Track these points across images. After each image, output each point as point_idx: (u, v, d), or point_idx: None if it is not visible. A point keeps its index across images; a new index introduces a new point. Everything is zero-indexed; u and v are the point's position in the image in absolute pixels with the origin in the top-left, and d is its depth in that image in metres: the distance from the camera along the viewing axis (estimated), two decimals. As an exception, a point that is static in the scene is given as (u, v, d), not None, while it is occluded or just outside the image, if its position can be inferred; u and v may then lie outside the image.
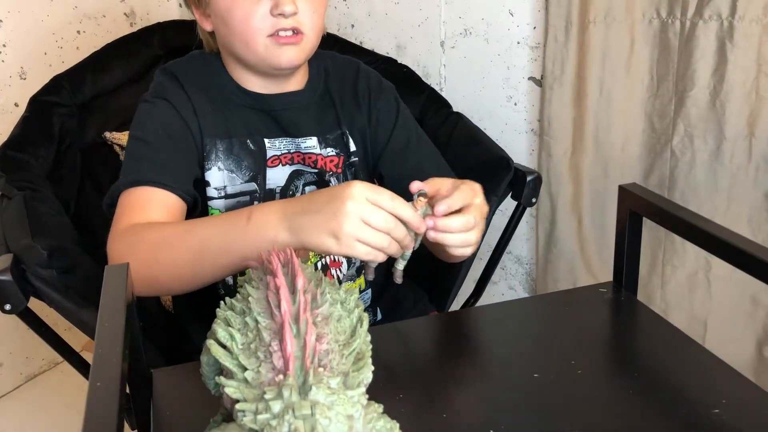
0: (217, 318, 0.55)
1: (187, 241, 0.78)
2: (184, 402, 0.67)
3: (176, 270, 0.78)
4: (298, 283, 0.53)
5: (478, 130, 1.27)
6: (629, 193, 0.78)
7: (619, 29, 1.36)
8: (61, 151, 1.17)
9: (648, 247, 1.40)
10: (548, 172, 1.49)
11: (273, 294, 0.53)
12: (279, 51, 0.89)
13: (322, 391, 0.45)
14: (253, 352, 0.50)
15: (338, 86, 1.02)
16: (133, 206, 0.85)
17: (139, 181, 0.87)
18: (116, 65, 1.29)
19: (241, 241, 0.74)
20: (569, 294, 0.88)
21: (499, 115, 1.59)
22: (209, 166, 0.94)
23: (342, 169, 1.00)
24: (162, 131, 0.91)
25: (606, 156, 1.44)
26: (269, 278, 0.55)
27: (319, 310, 0.53)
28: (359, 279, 1.01)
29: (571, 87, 1.43)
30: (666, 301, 1.43)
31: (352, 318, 0.56)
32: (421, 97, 1.35)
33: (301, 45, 0.90)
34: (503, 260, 1.67)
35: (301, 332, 0.50)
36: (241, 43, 0.90)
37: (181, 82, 0.96)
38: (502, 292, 1.75)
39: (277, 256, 0.58)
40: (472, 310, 1.09)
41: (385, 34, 1.69)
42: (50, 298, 0.90)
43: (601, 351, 0.74)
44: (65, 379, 1.83)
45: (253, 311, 0.53)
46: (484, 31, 1.55)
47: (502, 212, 1.34)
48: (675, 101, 1.34)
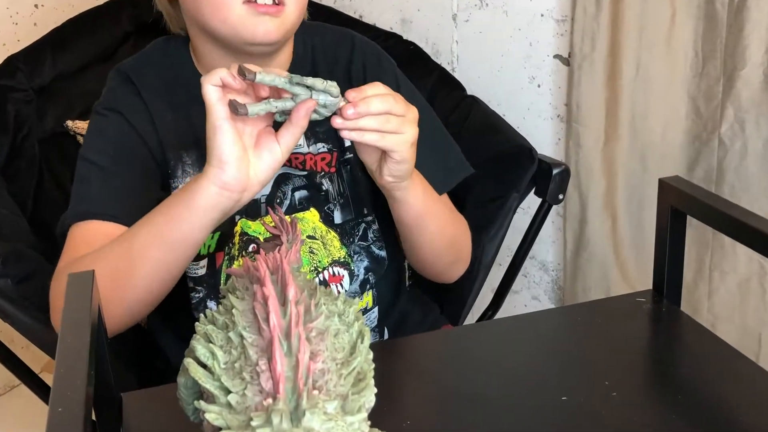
0: (197, 333, 0.55)
1: (136, 250, 0.81)
2: (159, 430, 0.67)
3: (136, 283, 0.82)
4: (289, 292, 0.53)
5: (496, 116, 1.27)
6: (671, 188, 0.78)
7: None
8: (17, 143, 1.17)
9: (693, 250, 1.40)
10: (577, 165, 1.49)
11: (260, 305, 0.53)
12: (255, 21, 0.88)
13: (318, 417, 0.45)
14: (237, 372, 0.50)
15: (329, 65, 1.02)
16: (78, 243, 0.88)
17: (87, 214, 0.89)
18: (79, 43, 1.29)
19: (187, 216, 0.79)
20: (602, 304, 0.88)
21: (520, 99, 1.59)
22: (176, 184, 0.94)
23: (336, 167, 1.00)
24: (114, 152, 0.92)
25: (644, 145, 1.44)
26: (256, 287, 0.55)
27: (314, 323, 0.53)
28: (366, 296, 1.01)
29: (604, 66, 1.43)
30: (714, 312, 1.42)
31: (351, 333, 0.56)
32: (430, 78, 1.35)
33: (281, 18, 0.90)
34: (525, 266, 1.67)
35: (293, 349, 0.50)
36: (211, 12, 0.89)
37: (136, 85, 0.96)
38: (525, 302, 1.74)
39: (265, 262, 0.58)
40: (490, 323, 1.09)
41: (389, 6, 1.69)
42: (4, 311, 0.90)
43: (639, 370, 0.74)
44: (22, 404, 1.83)
45: (237, 325, 0.53)
46: (502, 1, 1.55)
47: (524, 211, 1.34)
48: (723, 82, 1.34)
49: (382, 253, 1.04)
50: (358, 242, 1.01)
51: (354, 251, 1.01)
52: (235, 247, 0.96)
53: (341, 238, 1.00)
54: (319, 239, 0.98)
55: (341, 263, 0.99)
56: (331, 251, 0.99)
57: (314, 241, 0.98)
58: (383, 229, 1.04)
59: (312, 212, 0.99)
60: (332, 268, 0.98)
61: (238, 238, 0.96)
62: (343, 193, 1.01)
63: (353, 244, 1.01)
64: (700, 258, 1.42)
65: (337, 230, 1.00)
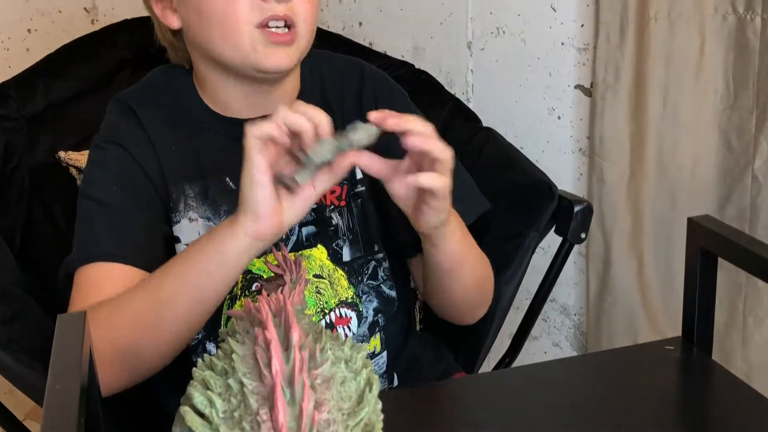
0: (194, 380, 0.55)
1: (164, 300, 0.82)
2: (151, 484, 0.66)
3: (160, 336, 0.83)
4: (292, 336, 0.54)
5: (513, 149, 1.27)
6: (701, 228, 0.78)
7: (686, 27, 1.36)
8: (6, 173, 1.18)
9: (725, 295, 1.39)
10: (600, 201, 1.49)
11: (262, 350, 0.53)
12: (269, 51, 0.90)
13: (322, 472, 0.44)
14: (237, 422, 0.50)
15: (338, 95, 1.03)
16: (87, 288, 0.89)
17: (93, 257, 0.89)
18: (74, 70, 1.31)
19: (218, 268, 0.80)
20: (628, 352, 0.87)
21: (539, 132, 1.59)
22: (177, 219, 0.95)
23: (345, 200, 1.01)
24: (117, 188, 0.93)
25: (672, 181, 1.44)
26: (257, 330, 0.55)
27: (319, 370, 0.53)
28: (374, 340, 1.01)
29: (628, 97, 1.44)
30: (748, 361, 1.41)
31: (359, 381, 0.56)
32: (444, 109, 1.36)
33: (295, 45, 0.91)
34: (545, 310, 1.66)
35: (297, 398, 0.50)
36: (221, 37, 0.90)
37: (138, 115, 0.97)
38: (545, 349, 1.73)
39: (267, 304, 0.58)
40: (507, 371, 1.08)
41: (400, 33, 1.71)
42: (-12, 354, 0.90)
43: (668, 424, 0.73)
44: (4, 455, 1.82)
45: (237, 371, 0.53)
46: (520, 29, 1.56)
47: (543, 251, 1.34)
48: (757, 114, 1.34)
49: (393, 293, 1.03)
50: (368, 281, 1.01)
51: (363, 291, 1.00)
52: (237, 285, 0.96)
53: (349, 276, 1.00)
54: (326, 278, 0.98)
55: (349, 304, 0.99)
56: (338, 291, 0.99)
57: (321, 280, 0.98)
58: (394, 268, 1.04)
59: (319, 249, 0.99)
60: (339, 309, 0.98)
61: (241, 276, 0.96)
62: (353, 228, 1.01)
63: (362, 283, 1.01)
64: (733, 303, 1.41)
65: (345, 268, 1.00)
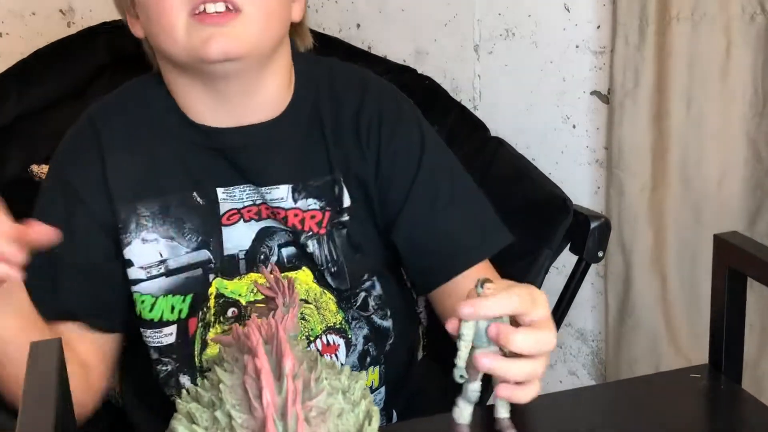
0: (178, 412, 0.55)
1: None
2: None
3: None
4: (285, 365, 0.54)
5: (524, 160, 1.28)
6: (728, 245, 0.78)
7: (710, 28, 1.37)
8: (-26, 190, 1.19)
9: (756, 317, 1.39)
10: (619, 217, 1.49)
11: (252, 380, 0.53)
12: (203, 35, 0.84)
13: None
14: (224, 458, 0.50)
15: (333, 110, 0.99)
16: None
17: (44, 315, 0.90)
18: (48, 77, 1.31)
19: None
20: (650, 380, 0.87)
21: (552, 142, 1.60)
22: (128, 239, 0.94)
23: (326, 228, 0.97)
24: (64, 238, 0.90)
25: (697, 195, 1.44)
26: (247, 359, 0.55)
27: (314, 401, 0.53)
28: (371, 374, 1.00)
29: (649, 104, 1.44)
30: (782, 390, 1.41)
31: (357, 413, 0.56)
32: (449, 118, 1.36)
33: (238, 28, 0.85)
34: (561, 336, 1.65)
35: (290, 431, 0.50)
36: (162, 33, 0.87)
37: (100, 133, 0.96)
38: (560, 378, 1.73)
39: (257, 329, 0.58)
40: (520, 402, 1.08)
41: (401, 35, 1.71)
42: (-45, 386, 0.90)
43: (695, 458, 0.73)
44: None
45: (225, 403, 0.53)
46: (531, 31, 1.57)
47: (557, 270, 1.34)
48: (788, 122, 1.35)
49: (386, 324, 1.02)
50: (357, 310, 1.00)
51: (352, 317, 0.99)
52: (210, 311, 0.95)
53: (338, 301, 0.98)
54: (312, 303, 0.97)
55: (337, 330, 0.98)
56: (326, 316, 0.97)
57: (307, 305, 0.96)
58: (387, 295, 1.02)
59: (305, 272, 0.97)
60: (326, 336, 0.97)
61: (214, 300, 0.95)
62: (337, 260, 0.98)
63: (352, 309, 0.99)
64: (764, 327, 1.41)
65: (334, 293, 0.98)
